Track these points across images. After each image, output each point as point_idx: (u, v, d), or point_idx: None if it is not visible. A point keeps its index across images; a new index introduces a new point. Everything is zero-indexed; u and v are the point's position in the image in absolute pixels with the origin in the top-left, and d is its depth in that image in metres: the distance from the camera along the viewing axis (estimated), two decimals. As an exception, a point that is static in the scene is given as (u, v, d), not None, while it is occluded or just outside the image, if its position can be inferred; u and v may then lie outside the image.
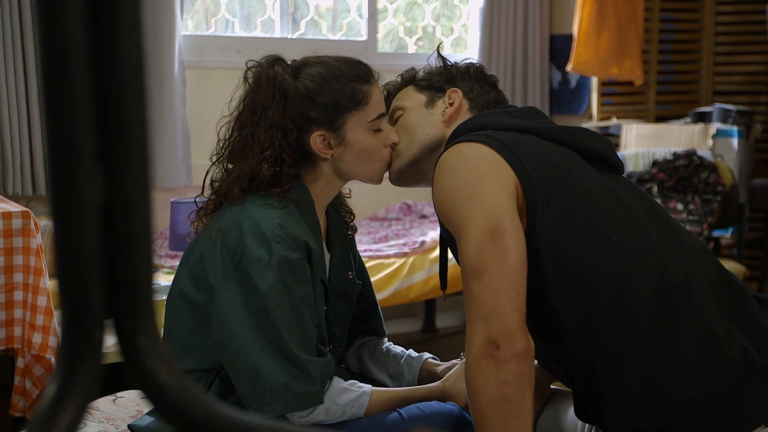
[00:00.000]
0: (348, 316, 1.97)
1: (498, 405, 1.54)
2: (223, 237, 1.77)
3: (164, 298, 2.74)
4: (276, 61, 1.85)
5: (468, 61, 2.01)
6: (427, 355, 2.07)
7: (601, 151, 1.81)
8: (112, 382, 1.17)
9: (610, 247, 1.65)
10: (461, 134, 1.78)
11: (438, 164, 1.72)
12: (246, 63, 1.88)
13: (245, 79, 1.86)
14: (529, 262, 1.61)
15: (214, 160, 1.89)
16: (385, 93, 1.98)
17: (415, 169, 1.93)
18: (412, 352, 2.08)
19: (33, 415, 0.62)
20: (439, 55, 2.00)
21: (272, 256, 1.71)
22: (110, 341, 0.63)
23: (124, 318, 0.62)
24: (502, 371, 1.53)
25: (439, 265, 1.96)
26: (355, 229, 2.06)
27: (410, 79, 1.99)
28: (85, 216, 0.59)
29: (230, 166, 1.86)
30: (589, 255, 1.64)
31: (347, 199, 2.07)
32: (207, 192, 1.89)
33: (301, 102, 1.81)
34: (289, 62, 1.88)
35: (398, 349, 2.10)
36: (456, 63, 1.99)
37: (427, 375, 2.02)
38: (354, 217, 2.07)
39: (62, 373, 0.61)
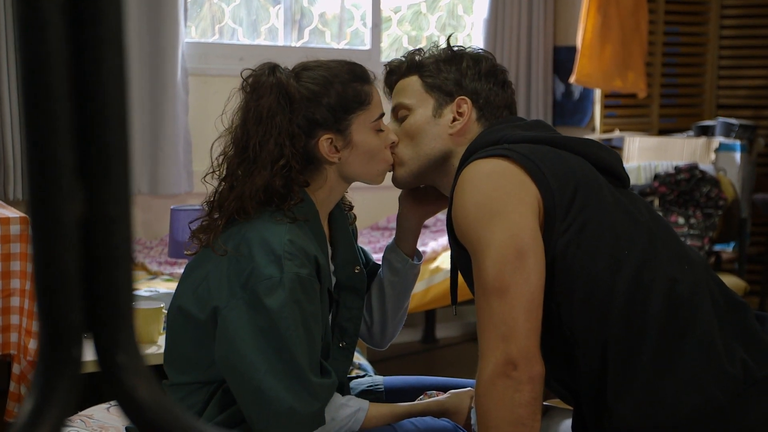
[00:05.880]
0: (359, 310, 1.95)
1: (511, 426, 1.53)
2: (229, 256, 1.74)
3: (162, 305, 2.74)
4: (275, 67, 1.83)
5: (478, 51, 1.93)
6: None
7: (611, 163, 1.81)
8: (107, 391, 1.16)
9: (622, 259, 1.65)
10: (477, 150, 1.76)
11: (459, 181, 1.70)
12: (241, 73, 1.84)
13: (243, 88, 1.83)
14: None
15: (220, 177, 1.82)
16: (388, 69, 1.95)
17: (420, 180, 1.94)
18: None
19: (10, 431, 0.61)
20: (449, 46, 1.92)
21: (283, 275, 1.68)
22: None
23: (103, 334, 0.61)
24: (518, 392, 1.53)
25: (450, 282, 1.94)
26: (354, 218, 2.04)
27: (416, 67, 1.91)
28: (64, 231, 0.58)
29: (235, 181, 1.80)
30: (601, 267, 1.64)
31: (345, 193, 2.02)
32: (214, 213, 1.81)
33: (307, 106, 1.79)
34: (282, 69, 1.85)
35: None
36: (466, 51, 1.92)
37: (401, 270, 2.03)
38: (352, 207, 2.05)
39: (39, 389, 0.60)
